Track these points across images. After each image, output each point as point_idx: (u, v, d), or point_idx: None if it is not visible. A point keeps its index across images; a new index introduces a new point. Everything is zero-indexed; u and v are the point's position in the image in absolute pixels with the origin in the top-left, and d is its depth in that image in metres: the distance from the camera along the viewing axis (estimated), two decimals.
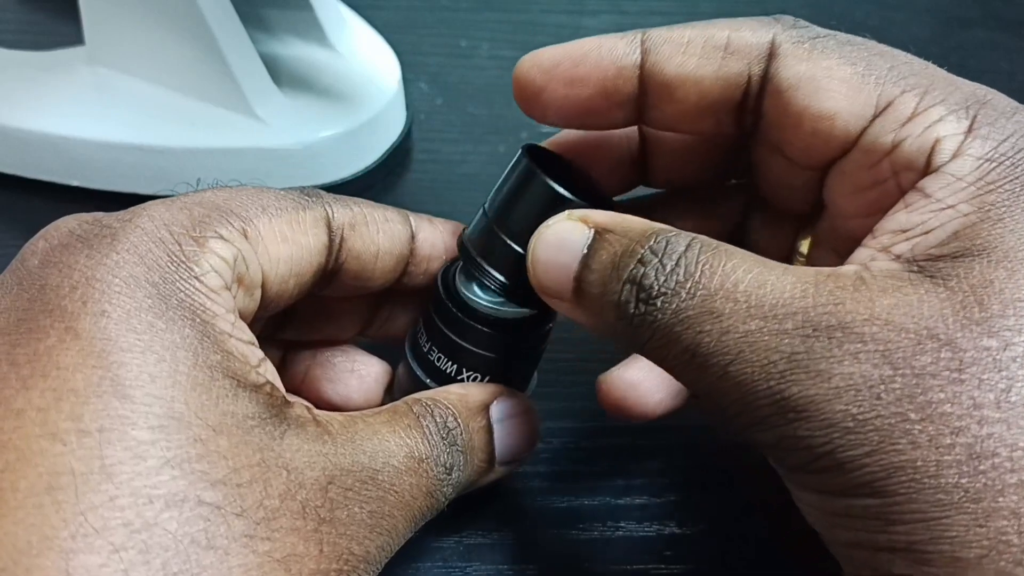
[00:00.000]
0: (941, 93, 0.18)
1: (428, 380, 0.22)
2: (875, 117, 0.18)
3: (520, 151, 0.21)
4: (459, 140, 0.38)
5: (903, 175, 0.18)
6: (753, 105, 0.20)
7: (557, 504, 0.25)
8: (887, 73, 0.18)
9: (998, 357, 0.15)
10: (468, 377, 0.22)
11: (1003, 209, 0.16)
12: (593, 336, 0.30)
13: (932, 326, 0.15)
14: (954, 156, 0.17)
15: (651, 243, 0.17)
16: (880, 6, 0.50)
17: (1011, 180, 0.16)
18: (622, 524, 0.25)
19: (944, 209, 0.17)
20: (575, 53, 0.20)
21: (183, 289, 0.17)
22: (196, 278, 0.17)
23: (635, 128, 0.23)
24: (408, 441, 0.19)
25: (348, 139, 0.33)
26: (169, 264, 0.17)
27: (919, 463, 0.15)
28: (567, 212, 0.19)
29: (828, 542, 0.17)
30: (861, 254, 0.18)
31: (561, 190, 0.20)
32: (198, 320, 0.16)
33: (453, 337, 0.22)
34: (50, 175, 0.33)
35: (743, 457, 0.27)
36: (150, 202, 0.18)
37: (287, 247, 0.19)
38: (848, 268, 0.17)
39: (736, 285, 0.16)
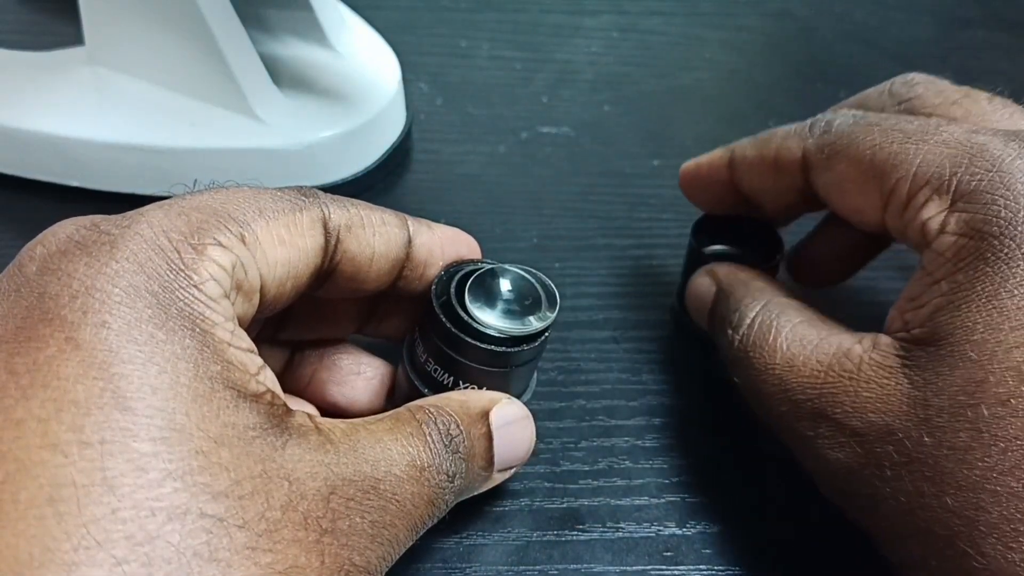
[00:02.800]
0: (928, 165, 0.21)
1: (425, 390, 0.22)
2: (885, 208, 0.22)
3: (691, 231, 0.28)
4: (459, 140, 0.38)
5: (920, 247, 0.21)
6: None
7: (557, 505, 0.25)
8: (886, 158, 0.22)
9: (932, 453, 0.18)
10: (466, 388, 0.22)
11: (965, 292, 0.19)
12: (591, 337, 0.30)
13: (891, 424, 0.19)
14: (939, 233, 0.20)
15: (732, 315, 0.24)
16: (880, 6, 0.50)
17: (976, 257, 0.19)
18: (622, 524, 0.25)
19: (934, 283, 0.20)
20: (697, 169, 0.28)
21: (183, 298, 0.16)
22: (195, 287, 0.17)
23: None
24: (411, 449, 0.19)
25: (348, 139, 0.33)
26: (168, 273, 0.16)
27: (887, 531, 0.20)
28: (704, 268, 0.27)
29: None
30: (888, 322, 0.21)
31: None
32: (198, 330, 0.16)
33: (450, 352, 0.21)
34: (50, 175, 0.33)
35: (743, 457, 0.27)
36: (148, 206, 0.18)
37: (284, 250, 0.19)
38: (857, 348, 0.21)
39: (774, 368, 0.22)
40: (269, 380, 0.18)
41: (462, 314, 0.21)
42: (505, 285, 0.23)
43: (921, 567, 0.19)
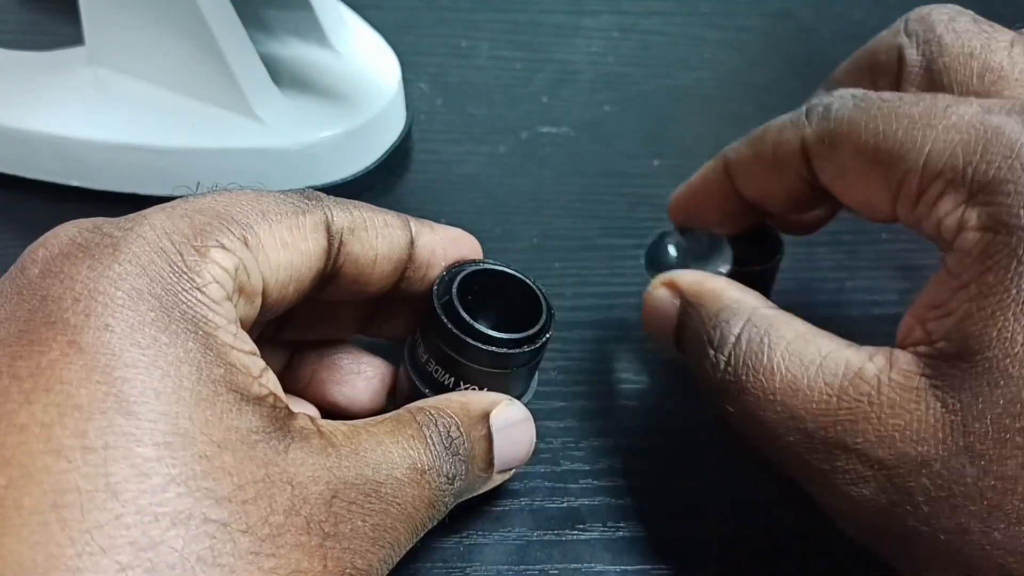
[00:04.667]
0: (938, 154, 0.19)
1: (426, 390, 0.22)
2: (895, 201, 0.20)
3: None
4: (459, 140, 0.38)
5: (936, 242, 0.19)
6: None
7: (557, 504, 0.25)
8: (891, 149, 0.19)
9: (976, 484, 0.17)
10: (466, 389, 0.22)
11: (997, 297, 0.17)
12: (591, 337, 0.30)
13: (926, 453, 0.17)
14: (959, 230, 0.18)
15: (712, 332, 0.21)
16: (880, 6, 0.50)
17: (1007, 254, 0.17)
18: (622, 524, 0.25)
19: (960, 287, 0.18)
20: (690, 190, 0.26)
21: (185, 301, 0.16)
22: (198, 289, 0.17)
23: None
24: (411, 452, 0.19)
25: (348, 139, 0.33)
26: (171, 275, 0.16)
27: (924, 572, 0.18)
28: (660, 277, 0.23)
29: None
30: (903, 331, 0.20)
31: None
32: (200, 333, 0.16)
33: (451, 353, 0.21)
34: (50, 175, 0.33)
35: (743, 458, 0.27)
36: (150, 209, 0.18)
37: (287, 253, 0.19)
38: (871, 368, 0.19)
39: (774, 393, 0.19)
40: (271, 383, 0.18)
41: (464, 315, 0.21)
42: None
43: None
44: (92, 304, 0.16)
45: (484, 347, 0.21)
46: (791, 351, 0.19)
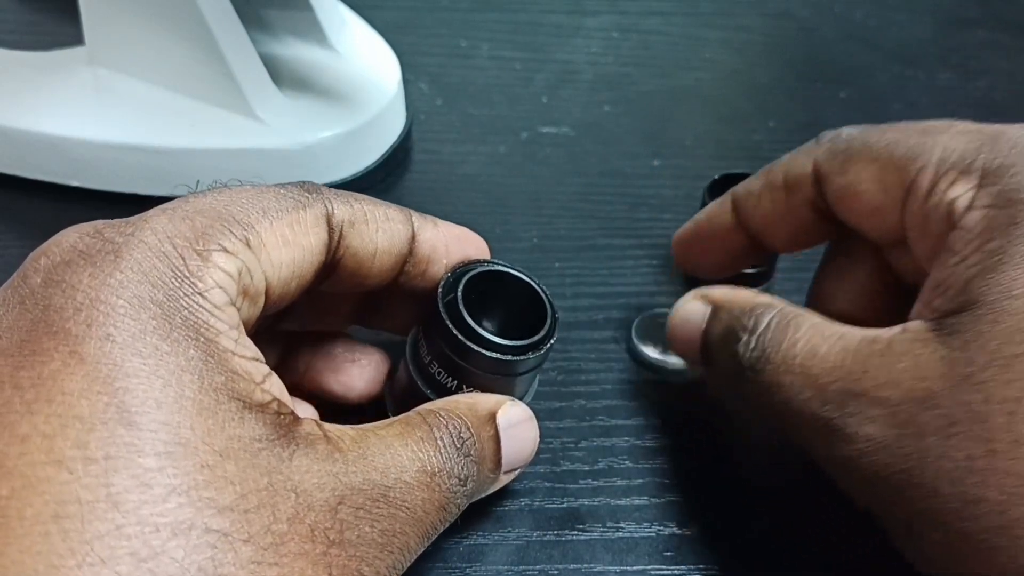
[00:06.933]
0: (950, 151, 0.21)
1: (428, 391, 0.22)
2: (905, 200, 0.22)
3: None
4: (459, 140, 0.38)
5: (943, 236, 0.21)
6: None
7: (557, 504, 0.25)
8: (905, 154, 0.22)
9: (979, 409, 0.18)
10: (470, 392, 0.22)
11: (999, 257, 0.19)
12: (591, 337, 0.30)
13: (930, 387, 0.18)
14: (967, 210, 0.20)
15: (746, 321, 0.22)
16: (880, 6, 0.50)
17: (1009, 223, 0.19)
18: (622, 524, 0.25)
19: (961, 262, 0.19)
20: (695, 227, 0.28)
21: (187, 307, 0.16)
22: (200, 294, 0.17)
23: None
24: (421, 455, 0.18)
25: (348, 139, 0.33)
26: (173, 281, 0.16)
27: (925, 512, 0.18)
28: (693, 291, 0.25)
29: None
30: (914, 312, 0.21)
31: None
32: (202, 340, 0.16)
33: (454, 357, 0.21)
34: (50, 175, 0.33)
35: (744, 457, 0.27)
36: (152, 211, 0.18)
37: (289, 251, 0.19)
38: (885, 333, 0.20)
39: (795, 358, 0.21)
40: (275, 388, 0.18)
41: (469, 320, 0.21)
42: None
43: (964, 549, 0.18)
44: (93, 314, 0.16)
45: (489, 354, 0.21)
46: (815, 328, 0.21)
